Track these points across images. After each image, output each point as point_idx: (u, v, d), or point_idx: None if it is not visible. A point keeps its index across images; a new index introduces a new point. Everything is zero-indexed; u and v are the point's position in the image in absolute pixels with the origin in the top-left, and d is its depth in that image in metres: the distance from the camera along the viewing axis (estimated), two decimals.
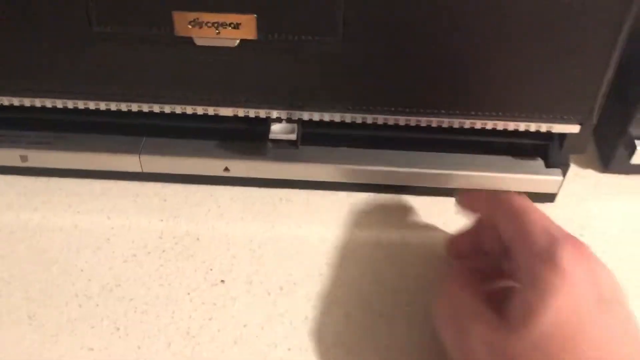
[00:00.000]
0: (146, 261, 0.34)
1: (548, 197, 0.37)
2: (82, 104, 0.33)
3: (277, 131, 0.33)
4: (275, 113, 0.33)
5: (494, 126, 0.33)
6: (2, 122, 0.36)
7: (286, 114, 0.33)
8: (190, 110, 0.33)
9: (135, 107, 0.33)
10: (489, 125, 0.33)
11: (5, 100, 0.33)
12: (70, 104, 0.33)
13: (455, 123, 0.33)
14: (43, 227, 0.36)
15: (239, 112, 0.33)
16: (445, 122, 0.33)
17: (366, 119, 0.33)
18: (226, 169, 0.36)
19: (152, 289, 0.33)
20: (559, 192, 0.36)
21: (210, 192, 0.38)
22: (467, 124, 0.33)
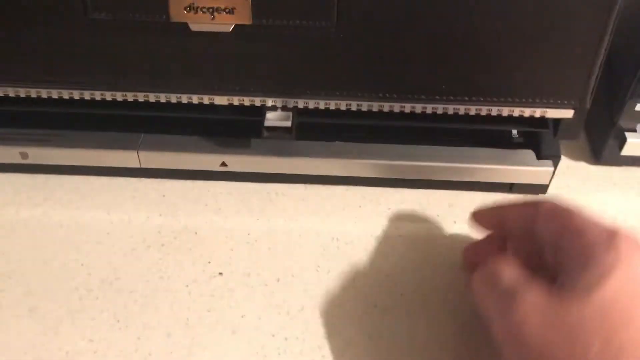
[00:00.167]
0: (145, 255, 0.35)
1: (540, 189, 0.37)
2: (77, 94, 0.33)
3: (273, 118, 0.33)
4: (270, 101, 0.33)
5: (489, 112, 0.33)
6: (1, 119, 0.37)
7: (281, 101, 0.33)
8: (185, 99, 0.33)
9: (130, 97, 0.33)
10: (484, 111, 0.33)
11: (0, 91, 0.34)
12: (66, 93, 0.33)
13: (450, 109, 0.33)
14: (44, 223, 0.36)
15: (234, 100, 0.33)
16: (440, 109, 0.33)
17: (361, 106, 0.33)
18: (223, 163, 0.36)
19: (152, 282, 0.33)
20: (551, 184, 0.37)
21: (207, 187, 0.38)
22: (461, 110, 0.33)
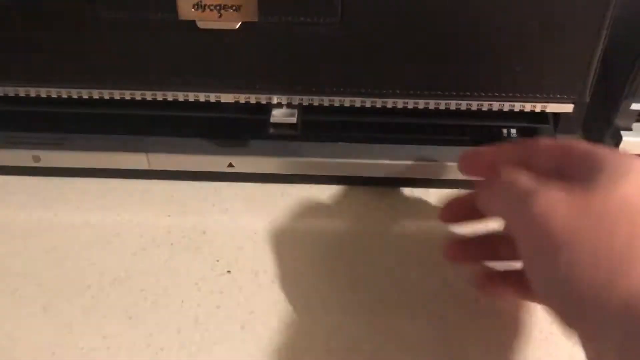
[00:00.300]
0: (155, 254, 0.36)
1: None
2: (86, 93, 0.34)
3: (278, 115, 0.34)
4: (275, 98, 0.34)
5: (489, 107, 0.34)
6: (15, 124, 0.38)
7: (286, 99, 0.34)
8: (192, 97, 0.34)
9: (138, 96, 0.34)
10: (485, 106, 0.34)
11: (11, 91, 0.34)
12: (75, 93, 0.34)
13: (452, 105, 0.34)
14: (55, 224, 0.37)
15: (240, 98, 0.34)
16: (442, 104, 0.34)
17: (365, 102, 0.34)
18: (230, 164, 0.37)
19: (162, 280, 0.34)
20: None
21: (214, 188, 0.39)
22: (463, 105, 0.34)
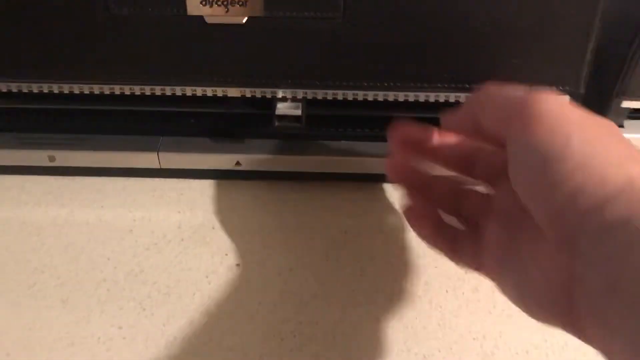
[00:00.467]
0: (167, 249, 0.37)
1: None
2: (97, 89, 0.35)
3: (283, 107, 0.35)
4: (280, 93, 0.35)
5: None
6: (31, 125, 0.39)
7: (291, 93, 0.35)
8: (200, 92, 0.35)
9: (148, 91, 0.35)
10: None
11: (25, 87, 0.36)
12: (87, 88, 0.35)
13: (452, 97, 0.35)
14: (70, 221, 0.39)
15: (246, 92, 0.35)
16: (442, 97, 0.35)
17: (367, 96, 0.35)
18: (237, 163, 0.38)
19: (174, 274, 0.36)
20: None
21: (222, 185, 0.41)
22: (462, 97, 0.35)
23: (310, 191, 0.40)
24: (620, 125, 0.39)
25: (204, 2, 0.31)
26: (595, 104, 0.39)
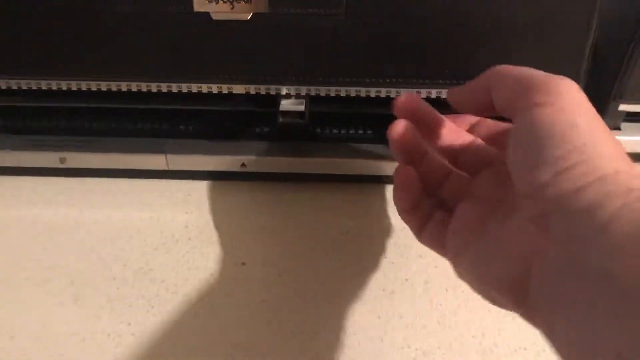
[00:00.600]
0: (174, 248, 0.38)
1: None
2: (105, 86, 0.36)
3: (287, 103, 0.36)
4: (284, 89, 0.36)
5: None
6: (42, 128, 0.40)
7: (294, 89, 0.36)
8: (205, 88, 0.36)
9: (154, 88, 0.36)
10: None
11: (34, 84, 0.36)
12: (94, 85, 0.36)
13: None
14: (81, 221, 0.40)
15: (251, 89, 0.36)
16: (443, 93, 0.35)
17: (369, 92, 0.36)
18: (243, 164, 0.39)
19: (181, 272, 0.37)
20: None
21: (229, 186, 0.42)
22: None
23: (312, 192, 0.41)
24: (617, 128, 0.39)
25: None
26: (594, 105, 0.40)
